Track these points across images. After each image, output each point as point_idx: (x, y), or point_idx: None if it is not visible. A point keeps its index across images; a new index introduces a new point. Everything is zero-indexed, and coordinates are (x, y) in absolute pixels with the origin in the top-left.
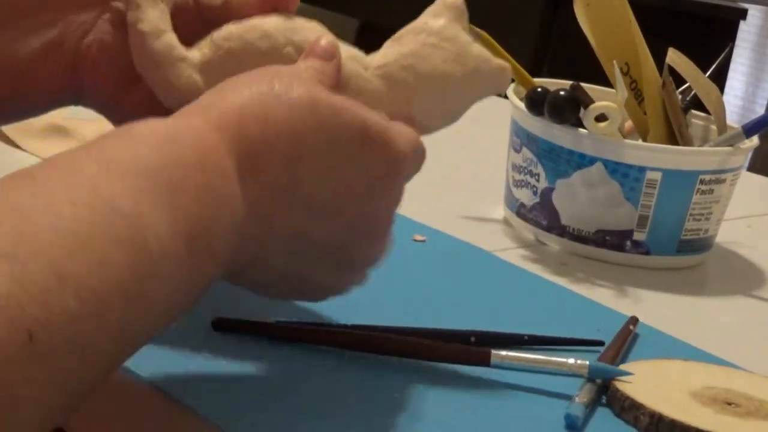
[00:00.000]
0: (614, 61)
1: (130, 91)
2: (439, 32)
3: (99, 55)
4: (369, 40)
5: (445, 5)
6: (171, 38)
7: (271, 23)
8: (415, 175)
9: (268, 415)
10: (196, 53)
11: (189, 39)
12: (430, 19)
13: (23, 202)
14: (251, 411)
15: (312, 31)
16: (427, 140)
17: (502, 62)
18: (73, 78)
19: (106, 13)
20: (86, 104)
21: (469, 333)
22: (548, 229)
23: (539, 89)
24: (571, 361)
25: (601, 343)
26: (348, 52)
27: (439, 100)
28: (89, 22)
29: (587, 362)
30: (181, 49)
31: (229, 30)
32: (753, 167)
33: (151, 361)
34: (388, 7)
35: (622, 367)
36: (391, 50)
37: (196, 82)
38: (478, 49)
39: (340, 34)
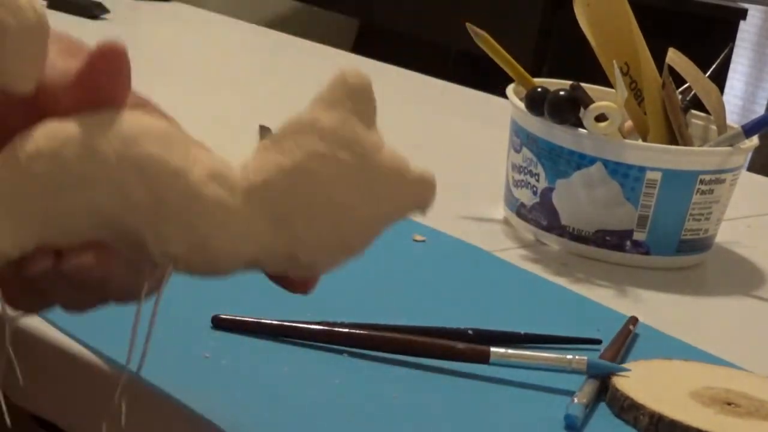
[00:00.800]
0: (614, 61)
1: None
2: (332, 133)
3: None
4: (369, 40)
5: (344, 87)
6: None
7: (92, 130)
8: None
9: (267, 415)
10: None
11: None
12: (321, 112)
13: None
14: (250, 410)
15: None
16: (425, 139)
17: (422, 173)
18: None
19: None
20: None
21: (467, 328)
22: (548, 229)
23: (539, 89)
24: (570, 356)
25: (599, 342)
26: (207, 163)
27: (335, 234)
28: None
29: (586, 358)
30: None
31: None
32: (753, 167)
33: (150, 360)
34: (388, 7)
35: (622, 366)
36: (267, 160)
37: None
38: (388, 156)
39: (340, 35)
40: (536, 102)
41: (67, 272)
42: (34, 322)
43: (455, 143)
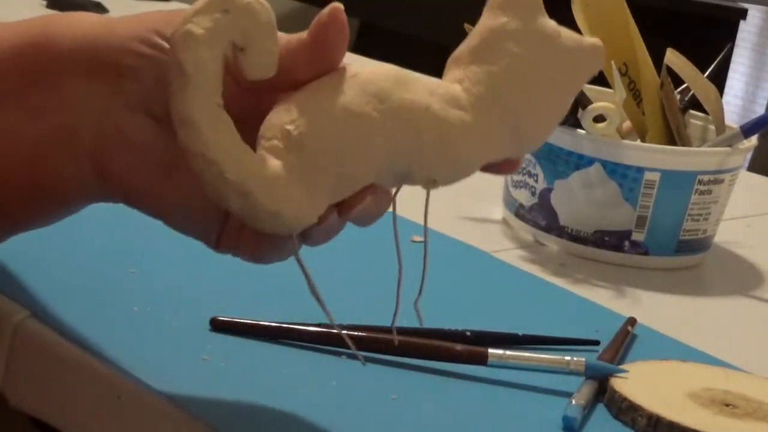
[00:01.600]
0: (612, 62)
1: (171, 178)
2: (522, 34)
3: (120, 145)
4: (369, 40)
5: None
6: (252, 159)
7: (350, 93)
8: None
9: (265, 417)
10: (274, 162)
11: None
12: (506, 18)
13: None
14: (249, 412)
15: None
16: None
17: (593, 41)
18: (95, 169)
19: (118, 96)
20: (117, 199)
21: (465, 330)
22: (547, 229)
23: None
24: (568, 358)
25: (597, 343)
26: (439, 91)
27: (547, 113)
28: (98, 108)
29: (584, 359)
30: (265, 163)
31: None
32: (753, 167)
33: (148, 362)
34: (388, 7)
35: (620, 367)
36: (475, 72)
37: (300, 202)
38: (567, 36)
39: None
40: None
41: (352, 218)
42: (32, 325)
43: None
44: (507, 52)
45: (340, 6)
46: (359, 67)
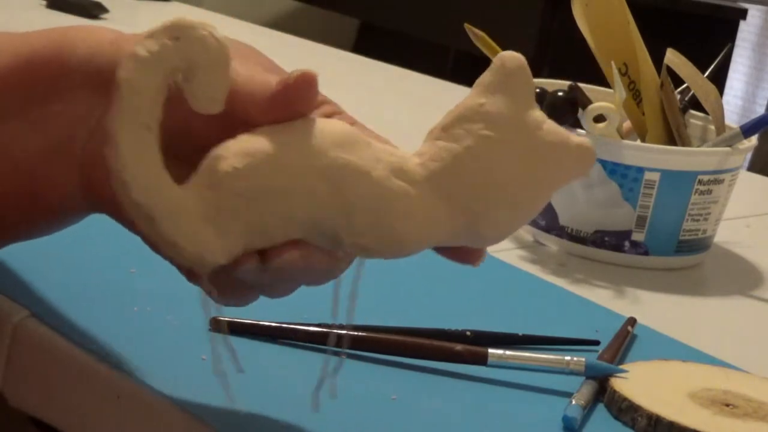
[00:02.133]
0: (612, 62)
1: None
2: (498, 118)
3: (104, 159)
4: (369, 40)
5: (503, 72)
6: (163, 183)
7: (290, 153)
8: None
9: (265, 416)
10: (189, 194)
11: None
12: (486, 99)
13: None
14: (249, 412)
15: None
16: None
17: (581, 142)
18: (82, 181)
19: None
20: (104, 212)
21: (465, 330)
22: (547, 229)
23: (537, 90)
24: (568, 358)
25: (597, 343)
26: (387, 159)
27: (511, 208)
28: (93, 121)
29: (584, 359)
30: (174, 191)
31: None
32: (753, 167)
33: (148, 362)
34: (388, 7)
35: (620, 367)
36: (440, 148)
37: (203, 240)
38: (550, 130)
39: (340, 35)
40: None
41: (273, 269)
42: (32, 325)
43: None
44: (474, 134)
45: (314, 74)
46: (321, 118)
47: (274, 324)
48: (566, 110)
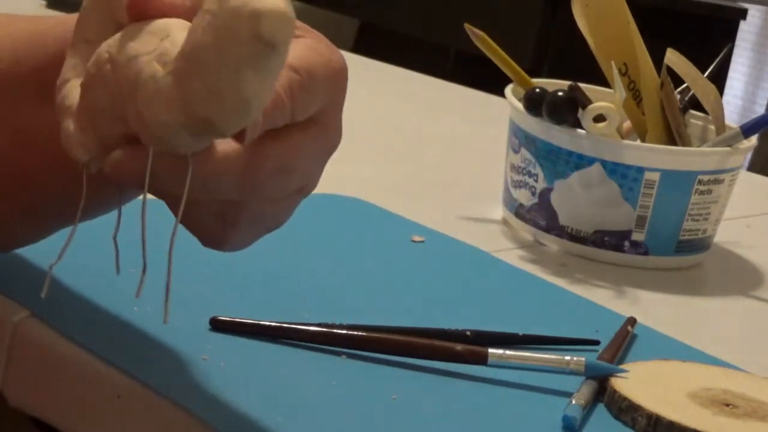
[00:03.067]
0: (612, 62)
1: None
2: None
3: None
4: (369, 40)
5: None
6: (70, 88)
7: (107, 41)
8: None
9: (265, 416)
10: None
11: None
12: None
13: None
14: (249, 412)
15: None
16: (425, 139)
17: (258, 6)
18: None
19: None
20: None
21: (465, 329)
22: (547, 229)
23: (537, 90)
24: (568, 358)
25: (597, 343)
26: (164, 46)
27: (201, 82)
28: None
29: (584, 359)
30: (74, 97)
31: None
32: (753, 167)
33: (148, 361)
34: (388, 7)
35: (620, 367)
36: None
37: (70, 131)
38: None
39: (340, 35)
40: (534, 103)
41: (107, 173)
42: (32, 325)
43: (454, 143)
44: (200, 15)
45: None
46: (171, 19)
47: (274, 324)
48: (566, 110)
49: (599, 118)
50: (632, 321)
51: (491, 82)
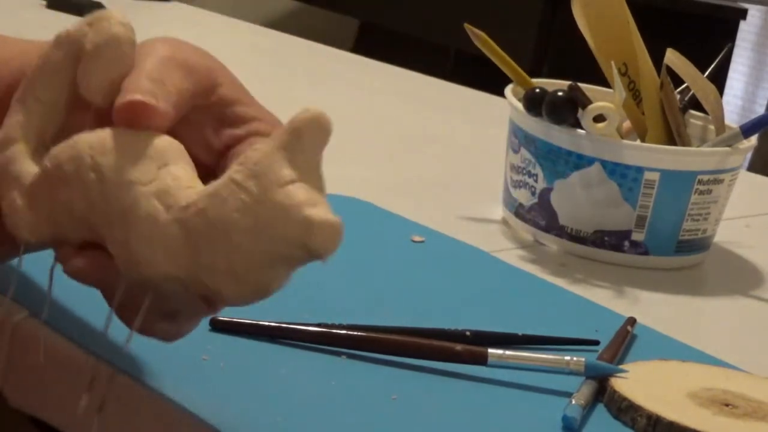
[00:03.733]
0: (612, 62)
1: None
2: (253, 165)
3: None
4: (369, 40)
5: (294, 121)
6: (15, 152)
7: (89, 139)
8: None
9: (265, 417)
10: (32, 168)
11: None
12: (261, 144)
13: None
14: (248, 412)
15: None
16: (425, 139)
17: (312, 215)
18: None
19: None
20: None
21: (464, 330)
22: (546, 229)
23: (537, 90)
24: (568, 358)
25: (596, 343)
26: (165, 180)
27: (229, 264)
28: None
29: (584, 359)
30: (20, 164)
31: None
32: (753, 167)
33: (148, 362)
34: (388, 7)
35: (620, 367)
36: (220, 188)
37: (18, 206)
38: (286, 195)
39: (340, 34)
40: (534, 103)
41: (66, 270)
42: (32, 325)
43: (454, 143)
44: (228, 174)
45: (141, 103)
46: (154, 134)
47: (274, 324)
48: (566, 110)
49: (599, 118)
50: (632, 321)
51: (491, 82)
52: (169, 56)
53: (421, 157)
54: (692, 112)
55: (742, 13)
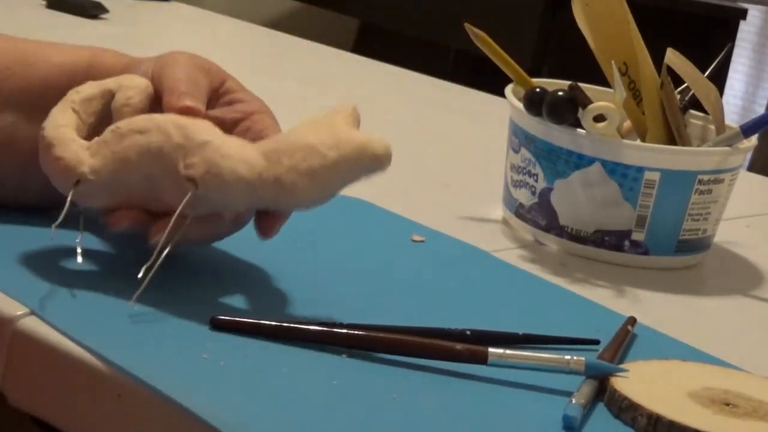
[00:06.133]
0: (612, 62)
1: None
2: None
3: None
4: (369, 40)
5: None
6: (67, 130)
7: (165, 118)
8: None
9: (266, 416)
10: (91, 143)
11: None
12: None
13: None
14: (249, 411)
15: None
16: (425, 139)
17: (371, 136)
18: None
19: None
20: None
21: (465, 329)
22: (547, 229)
23: (537, 89)
24: (568, 357)
25: (597, 342)
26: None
27: (309, 168)
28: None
29: (584, 358)
30: (73, 134)
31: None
32: (753, 167)
33: (149, 362)
34: (388, 7)
35: (620, 367)
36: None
37: (80, 157)
38: (351, 132)
39: (340, 35)
40: (534, 102)
41: (110, 225)
42: (32, 325)
43: (454, 143)
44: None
45: (192, 108)
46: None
47: (274, 324)
48: (566, 110)
49: (599, 118)
50: (632, 321)
51: (491, 82)
52: (192, 63)
53: (421, 157)
54: (692, 112)
55: (742, 13)
